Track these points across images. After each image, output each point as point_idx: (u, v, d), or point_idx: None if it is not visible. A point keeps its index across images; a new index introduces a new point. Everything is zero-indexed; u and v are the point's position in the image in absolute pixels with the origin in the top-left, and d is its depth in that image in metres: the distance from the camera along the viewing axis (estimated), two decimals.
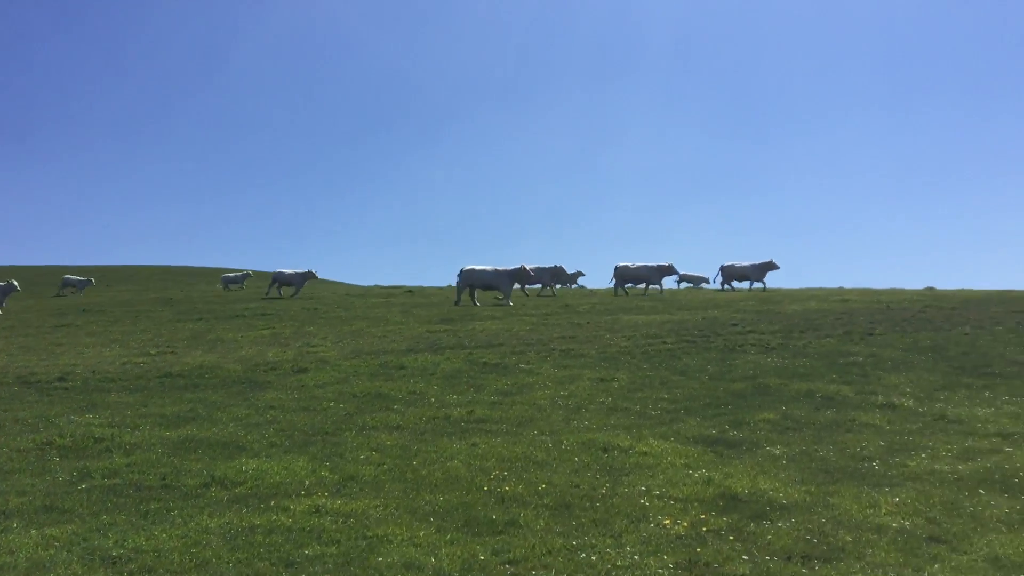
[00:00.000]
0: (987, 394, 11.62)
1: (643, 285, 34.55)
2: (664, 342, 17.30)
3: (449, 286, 49.18)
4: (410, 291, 42.93)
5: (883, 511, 6.65)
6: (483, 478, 7.69)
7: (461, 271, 30.37)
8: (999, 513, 6.60)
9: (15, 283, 32.92)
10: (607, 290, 37.31)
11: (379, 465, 8.27)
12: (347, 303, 33.27)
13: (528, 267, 30.78)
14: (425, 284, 50.03)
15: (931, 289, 32.88)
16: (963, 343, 16.06)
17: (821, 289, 34.12)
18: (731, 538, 6.06)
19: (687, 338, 17.70)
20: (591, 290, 40.97)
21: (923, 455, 8.45)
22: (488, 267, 30.37)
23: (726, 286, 35.94)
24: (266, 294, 37.78)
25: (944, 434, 9.36)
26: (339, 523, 6.47)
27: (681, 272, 44.13)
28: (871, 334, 17.56)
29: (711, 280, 37.32)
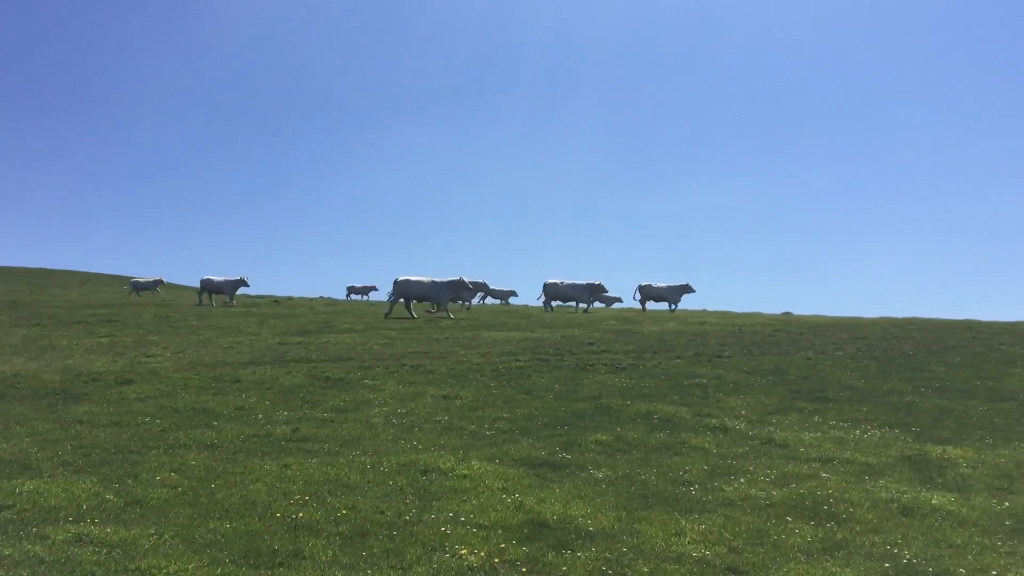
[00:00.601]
0: (816, 418, 11.84)
1: (573, 304, 34.95)
2: (518, 359, 17.09)
3: (321, 297, 47.94)
4: (276, 301, 41.57)
5: (688, 539, 6.49)
6: (282, 503, 7.15)
7: (395, 282, 29.17)
8: (802, 542, 6.55)
9: None
10: (537, 307, 37.13)
11: (174, 488, 7.60)
12: (203, 312, 31.85)
13: (466, 280, 29.92)
14: (297, 295, 48.71)
15: (787, 314, 34.09)
16: (804, 367, 16.48)
17: (683, 311, 34.90)
18: (524, 570, 5.75)
19: (541, 356, 17.55)
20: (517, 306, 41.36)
21: (742, 480, 8.42)
22: (424, 278, 29.30)
23: (642, 306, 36.15)
24: (198, 303, 36.12)
25: (768, 458, 9.40)
26: (101, 554, 5.82)
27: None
28: (720, 356, 17.85)
29: (634, 298, 37.22)
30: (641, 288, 35.86)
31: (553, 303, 35.51)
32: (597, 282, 34.77)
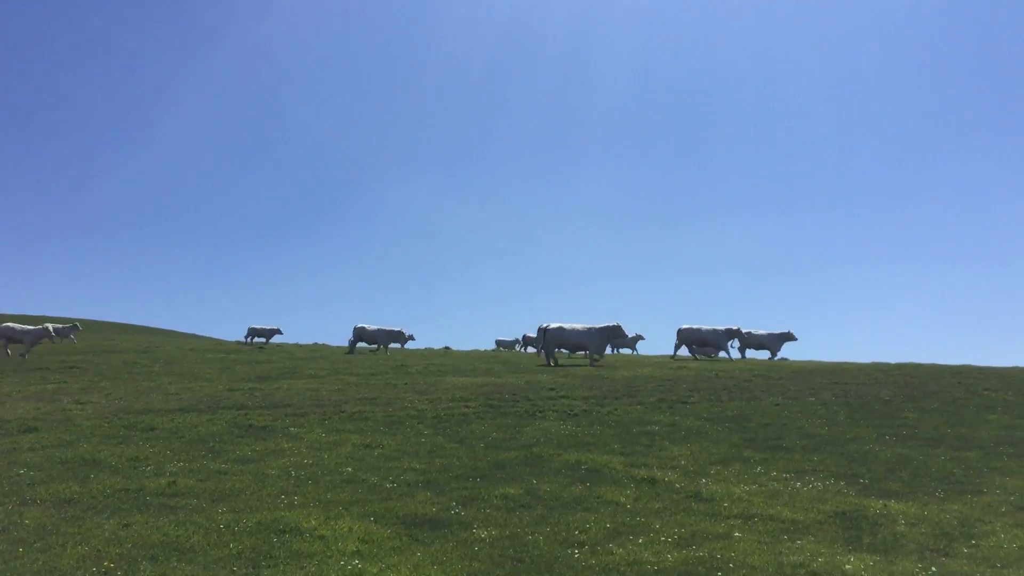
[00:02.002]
0: (759, 469, 10.84)
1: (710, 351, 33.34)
2: (467, 405, 16.18)
3: (337, 345, 46.96)
4: (262, 348, 40.90)
5: None
6: (84, 571, 6.24)
7: (545, 329, 27.30)
8: None
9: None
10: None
11: None
12: (178, 357, 31.19)
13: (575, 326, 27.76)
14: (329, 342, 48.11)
15: (784, 360, 33.00)
16: (769, 413, 15.48)
17: (661, 356, 33.84)
18: None
19: (493, 402, 16.63)
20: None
21: (640, 540, 7.45)
22: (578, 325, 27.69)
23: (741, 354, 34.39)
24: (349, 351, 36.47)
25: (684, 515, 8.42)
26: None
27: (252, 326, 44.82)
28: (684, 402, 16.88)
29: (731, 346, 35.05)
30: (741, 335, 33.78)
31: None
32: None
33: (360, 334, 36.91)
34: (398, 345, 39.05)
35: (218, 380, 21.62)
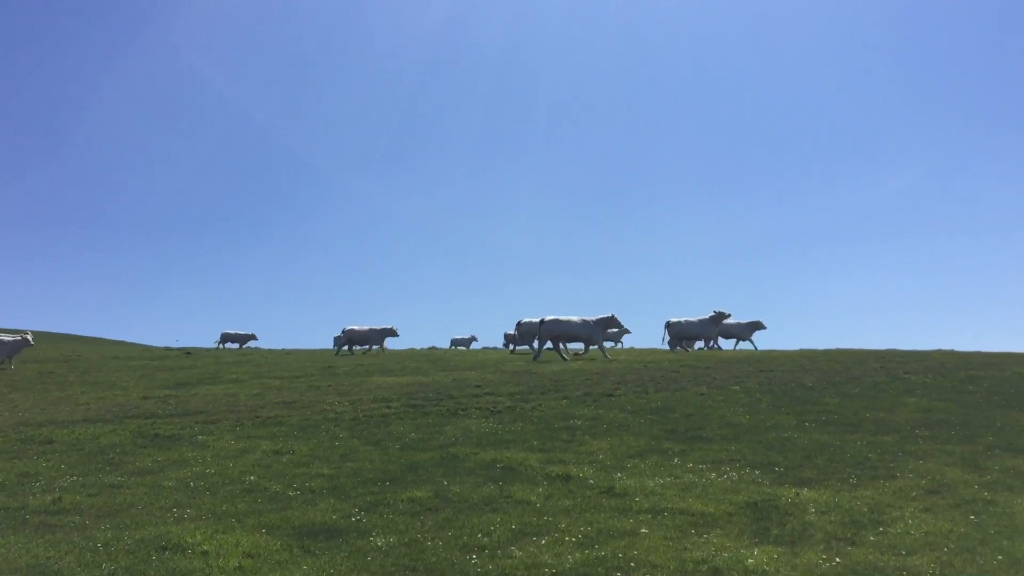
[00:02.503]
0: (676, 461, 10.69)
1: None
2: (388, 406, 15.77)
3: (283, 350, 45.98)
4: (188, 353, 39.77)
5: None
6: None
7: (542, 321, 26.82)
8: None
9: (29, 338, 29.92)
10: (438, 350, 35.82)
11: None
12: (98, 365, 30.09)
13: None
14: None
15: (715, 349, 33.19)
16: (692, 404, 15.39)
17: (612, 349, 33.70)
18: None
19: (416, 402, 16.25)
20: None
21: (544, 541, 7.18)
22: (574, 317, 27.09)
23: (676, 347, 32.89)
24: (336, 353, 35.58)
25: (593, 512, 8.19)
26: None
27: (224, 331, 44.49)
28: (610, 395, 16.71)
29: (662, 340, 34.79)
30: (669, 325, 32.17)
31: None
32: (391, 327, 34.69)
33: (351, 336, 35.81)
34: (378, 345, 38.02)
35: (134, 388, 20.83)
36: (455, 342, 48.60)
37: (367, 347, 36.18)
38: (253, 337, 44.89)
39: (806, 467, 10.23)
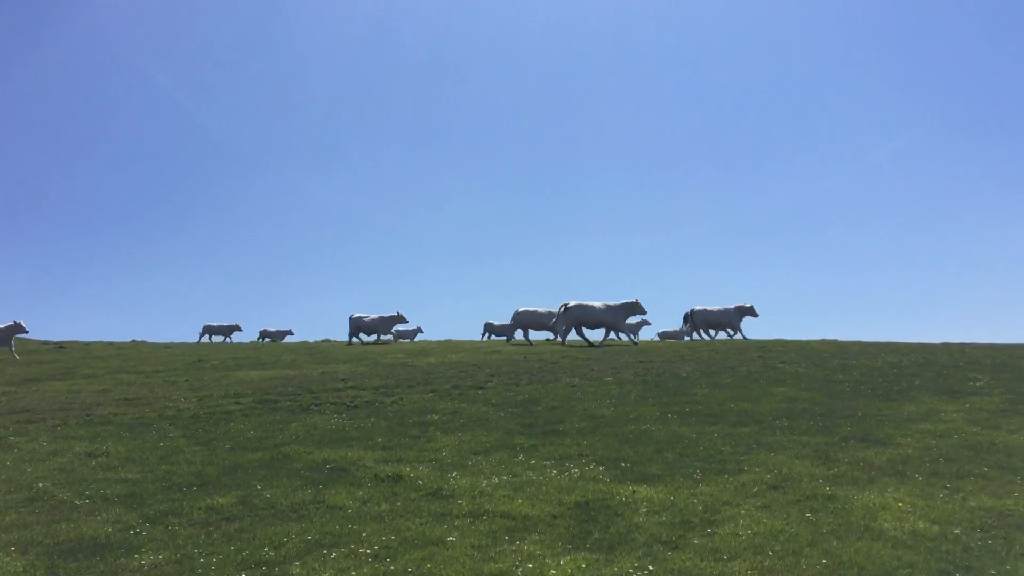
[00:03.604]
0: (521, 457, 10.03)
1: (374, 336, 32.57)
2: (239, 402, 14.71)
3: (166, 344, 43.61)
4: (61, 347, 37.44)
5: None
6: None
7: (565, 307, 25.74)
8: None
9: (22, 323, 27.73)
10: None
11: None
12: None
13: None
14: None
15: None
16: (560, 396, 14.82)
17: (487, 342, 33.05)
18: None
19: (269, 397, 15.22)
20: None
21: (335, 555, 6.38)
22: (598, 303, 25.93)
23: (696, 335, 32.46)
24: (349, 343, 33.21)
25: (408, 517, 7.43)
26: None
27: (263, 328, 42.88)
28: (480, 388, 16.02)
29: (682, 330, 33.29)
30: (694, 313, 31.88)
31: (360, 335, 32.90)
32: (396, 313, 32.83)
33: (358, 324, 33.70)
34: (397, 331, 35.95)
35: None
36: (399, 334, 46.75)
37: (376, 336, 33.85)
38: (237, 328, 42.61)
39: (655, 462, 9.70)
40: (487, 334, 37.37)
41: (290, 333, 43.72)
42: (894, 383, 15.46)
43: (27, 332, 29.15)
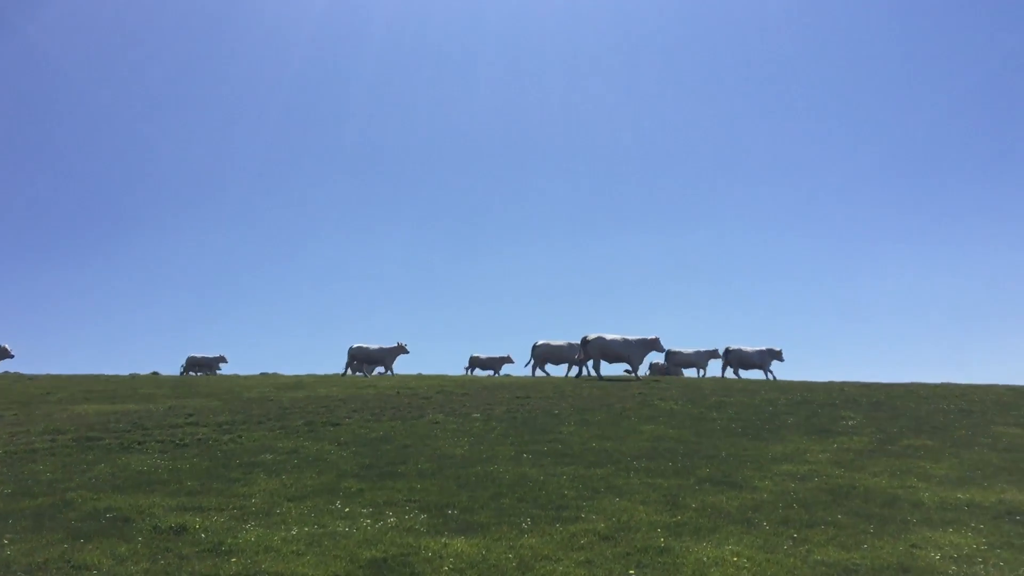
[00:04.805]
0: (339, 504, 8.91)
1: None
2: (53, 440, 13.17)
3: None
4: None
5: None
6: None
7: (585, 340, 24.60)
8: None
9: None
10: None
11: None
12: None
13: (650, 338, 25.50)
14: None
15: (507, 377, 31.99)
16: (417, 434, 13.74)
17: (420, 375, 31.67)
18: None
19: (93, 434, 13.70)
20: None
21: None
22: (618, 336, 24.77)
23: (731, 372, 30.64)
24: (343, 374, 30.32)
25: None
26: None
27: (190, 355, 39.63)
28: (335, 424, 14.81)
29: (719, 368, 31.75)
30: (730, 352, 30.29)
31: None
32: (400, 343, 30.85)
33: (356, 355, 30.85)
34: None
35: None
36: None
37: (382, 370, 31.07)
38: (223, 360, 38.95)
39: (487, 508, 8.70)
40: (472, 368, 34.48)
41: (222, 360, 39.94)
42: (767, 421, 14.90)
43: (12, 356, 26.78)
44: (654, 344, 25.49)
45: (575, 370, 27.50)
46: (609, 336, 25.09)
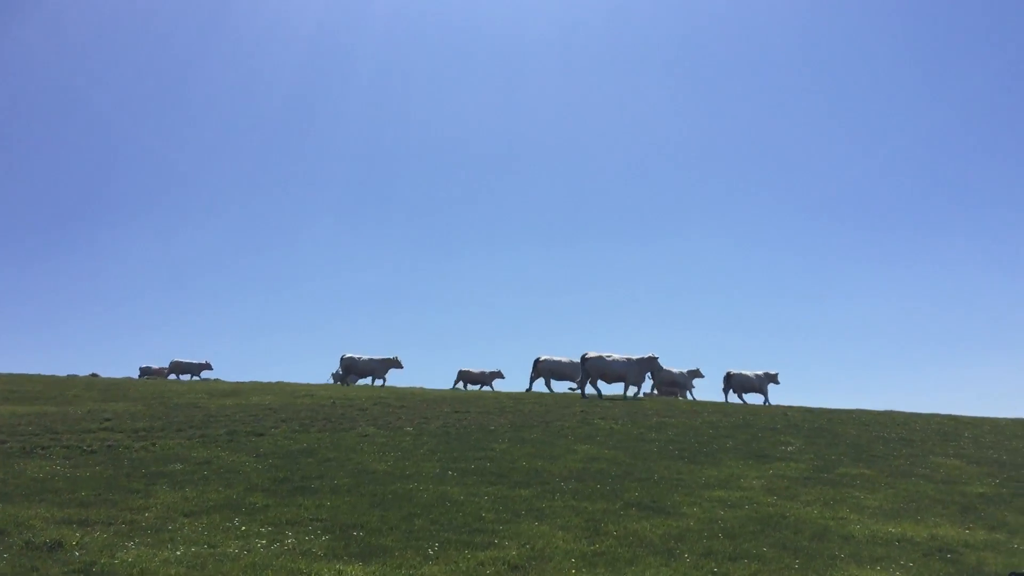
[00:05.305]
0: (238, 520, 8.32)
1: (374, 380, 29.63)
2: None
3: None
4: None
5: None
6: None
7: (584, 358, 23.66)
8: None
9: None
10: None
11: None
12: None
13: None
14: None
15: (456, 388, 31.38)
16: (343, 447, 13.17)
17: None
18: None
19: None
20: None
21: None
22: (618, 355, 23.72)
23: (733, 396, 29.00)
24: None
25: None
26: None
27: (174, 359, 38.28)
28: (260, 435, 14.20)
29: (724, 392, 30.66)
30: (732, 377, 28.64)
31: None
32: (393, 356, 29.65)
33: (350, 366, 29.27)
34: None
35: None
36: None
37: (372, 380, 29.78)
38: (207, 367, 37.32)
39: (396, 531, 8.18)
40: (462, 383, 32.32)
41: (207, 367, 38.38)
42: (705, 444, 14.54)
43: None
44: (651, 363, 24.86)
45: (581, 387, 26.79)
46: (608, 355, 24.37)
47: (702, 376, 31.16)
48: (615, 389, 25.18)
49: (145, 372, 38.51)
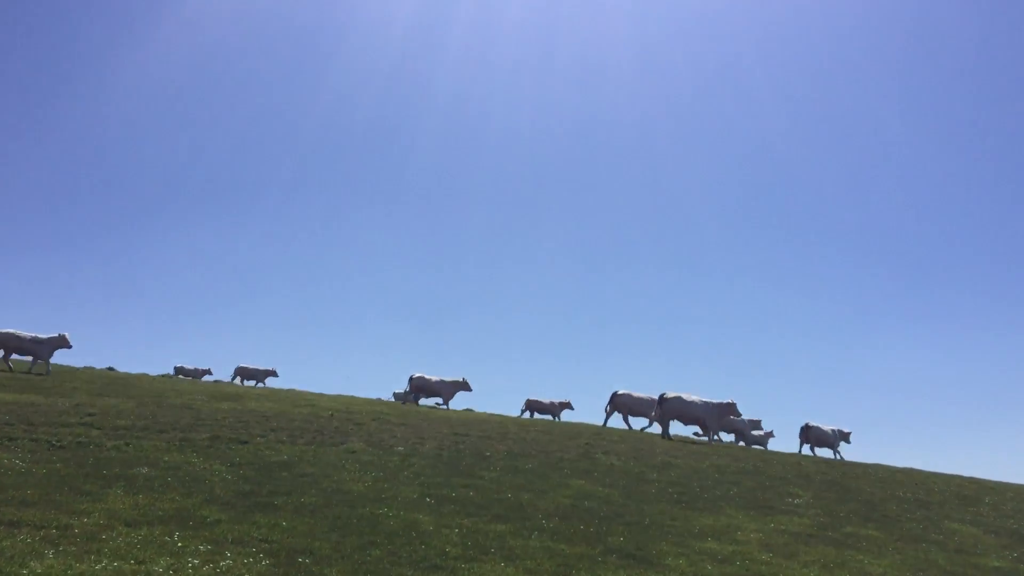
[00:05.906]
0: (180, 535, 7.71)
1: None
2: None
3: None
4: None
5: None
6: None
7: (664, 398, 23.34)
8: None
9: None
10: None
11: None
12: None
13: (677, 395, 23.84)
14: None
15: (470, 411, 30.73)
16: (326, 462, 12.59)
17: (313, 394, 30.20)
18: None
19: None
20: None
21: None
22: (697, 398, 23.27)
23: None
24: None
25: None
26: None
27: (240, 365, 37.68)
28: (244, 442, 13.67)
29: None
30: (809, 429, 27.00)
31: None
32: (462, 378, 28.87)
33: (419, 385, 28.90)
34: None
35: None
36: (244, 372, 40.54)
37: (439, 402, 29.44)
38: (273, 373, 37.23)
39: (348, 560, 7.54)
40: (529, 412, 31.64)
41: (273, 374, 37.40)
42: (707, 490, 13.71)
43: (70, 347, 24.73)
44: (730, 408, 23.86)
45: (655, 426, 25.91)
46: (687, 396, 23.63)
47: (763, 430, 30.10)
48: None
49: (179, 371, 38.27)
